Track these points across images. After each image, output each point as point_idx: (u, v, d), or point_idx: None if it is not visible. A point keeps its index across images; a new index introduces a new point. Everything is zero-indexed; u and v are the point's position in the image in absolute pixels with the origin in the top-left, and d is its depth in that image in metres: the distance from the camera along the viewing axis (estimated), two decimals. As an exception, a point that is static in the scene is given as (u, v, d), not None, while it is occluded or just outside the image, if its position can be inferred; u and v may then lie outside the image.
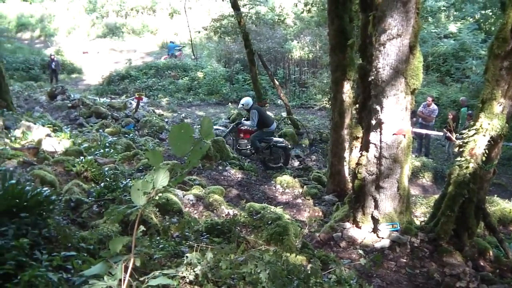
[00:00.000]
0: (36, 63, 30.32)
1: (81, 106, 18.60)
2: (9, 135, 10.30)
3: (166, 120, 19.67)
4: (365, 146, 7.34)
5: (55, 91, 20.13)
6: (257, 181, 11.77)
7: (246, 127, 13.96)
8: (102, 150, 11.00)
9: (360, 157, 7.42)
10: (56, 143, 10.25)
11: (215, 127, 16.38)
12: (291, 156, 14.74)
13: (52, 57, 28.11)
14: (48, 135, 10.66)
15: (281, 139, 14.42)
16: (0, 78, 14.42)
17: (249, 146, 13.76)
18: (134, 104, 19.99)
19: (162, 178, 2.28)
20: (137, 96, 19.75)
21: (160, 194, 2.42)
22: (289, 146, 14.24)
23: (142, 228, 2.90)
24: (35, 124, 11.61)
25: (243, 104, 13.89)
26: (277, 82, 19.74)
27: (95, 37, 39.07)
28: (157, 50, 36.98)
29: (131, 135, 15.38)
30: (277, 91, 20.62)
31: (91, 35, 39.43)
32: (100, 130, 15.26)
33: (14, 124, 11.48)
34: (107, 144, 11.94)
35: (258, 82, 15.12)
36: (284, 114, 20.36)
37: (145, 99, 22.60)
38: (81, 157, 9.06)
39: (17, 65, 29.47)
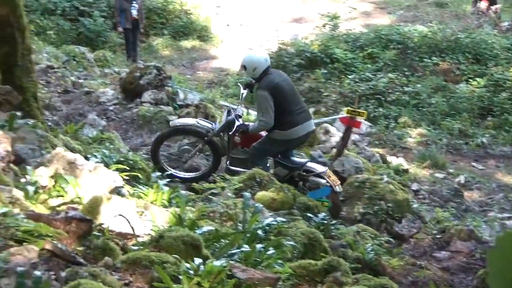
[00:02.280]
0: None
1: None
2: (24, 180, 4.01)
3: (415, 188, 8.17)
4: None
5: (138, 77, 9.44)
6: None
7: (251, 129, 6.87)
8: (246, 246, 4.39)
9: None
10: (135, 214, 4.08)
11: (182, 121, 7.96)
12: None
13: None
14: (118, 191, 4.41)
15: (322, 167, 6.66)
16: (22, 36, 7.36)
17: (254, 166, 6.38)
18: (335, 133, 8.94)
19: None
20: (348, 114, 7.70)
21: None
22: (339, 190, 6.44)
23: None
24: (87, 158, 4.61)
25: (245, 66, 6.78)
26: None
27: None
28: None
29: (322, 214, 5.84)
30: None
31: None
32: (246, 193, 5.67)
33: (37, 153, 4.44)
34: (259, 232, 4.93)
35: None
36: None
37: (364, 125, 9.33)
38: (195, 260, 3.16)
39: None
